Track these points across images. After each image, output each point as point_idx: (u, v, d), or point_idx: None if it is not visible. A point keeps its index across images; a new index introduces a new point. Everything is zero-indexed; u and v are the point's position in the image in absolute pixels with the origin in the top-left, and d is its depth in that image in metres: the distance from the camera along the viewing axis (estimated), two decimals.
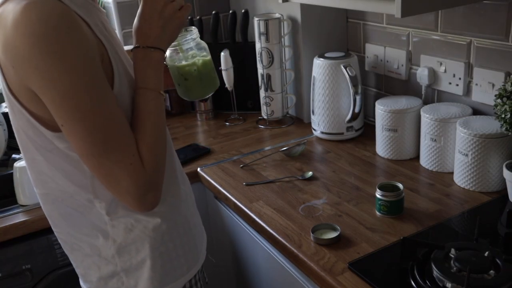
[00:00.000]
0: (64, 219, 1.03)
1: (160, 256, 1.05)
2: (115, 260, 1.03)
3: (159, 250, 1.05)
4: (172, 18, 1.00)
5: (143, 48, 0.98)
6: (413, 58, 1.62)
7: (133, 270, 1.04)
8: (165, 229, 1.05)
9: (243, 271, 1.55)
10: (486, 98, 1.40)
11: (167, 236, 1.06)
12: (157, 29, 0.99)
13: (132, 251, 1.03)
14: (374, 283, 1.01)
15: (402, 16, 1.10)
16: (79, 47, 0.84)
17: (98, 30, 0.93)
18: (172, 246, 1.07)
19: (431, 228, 1.19)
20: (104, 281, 1.06)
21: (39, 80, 0.83)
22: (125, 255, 1.03)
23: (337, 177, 1.47)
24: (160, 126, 0.98)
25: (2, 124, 1.68)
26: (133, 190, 0.92)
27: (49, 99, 0.85)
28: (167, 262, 1.07)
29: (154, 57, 0.98)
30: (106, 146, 0.88)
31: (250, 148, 1.74)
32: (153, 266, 1.05)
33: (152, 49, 0.98)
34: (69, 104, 0.84)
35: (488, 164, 1.28)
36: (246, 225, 1.42)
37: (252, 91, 2.01)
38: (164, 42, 1.00)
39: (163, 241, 1.05)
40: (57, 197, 1.00)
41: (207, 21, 2.07)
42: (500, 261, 0.99)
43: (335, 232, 1.19)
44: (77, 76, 0.83)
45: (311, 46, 1.84)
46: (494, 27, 1.34)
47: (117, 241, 1.02)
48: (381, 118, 1.54)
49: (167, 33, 1.00)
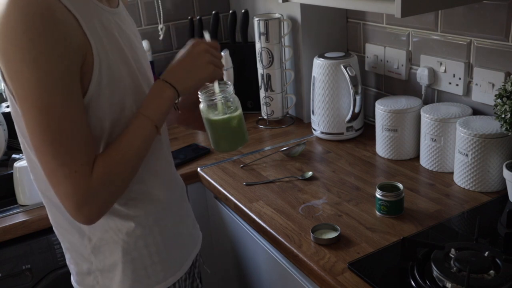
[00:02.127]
0: (50, 213, 1.07)
1: (132, 261, 1.04)
2: (91, 258, 1.05)
3: (131, 255, 1.04)
4: (202, 69, 1.01)
5: (162, 80, 0.99)
6: (413, 58, 1.62)
7: (106, 271, 1.05)
8: (139, 235, 1.04)
9: (243, 271, 1.55)
10: (486, 98, 1.40)
11: (141, 242, 1.04)
12: (183, 71, 1.01)
13: (106, 252, 1.03)
14: (374, 283, 1.01)
15: (402, 16, 1.10)
16: (52, 44, 0.83)
17: (91, 29, 0.90)
18: (147, 253, 1.05)
19: (431, 228, 1.19)
20: (81, 276, 1.08)
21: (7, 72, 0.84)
22: (100, 255, 1.04)
23: (337, 177, 1.47)
24: (136, 153, 0.96)
25: (2, 124, 1.67)
26: (70, 197, 0.89)
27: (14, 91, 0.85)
28: (140, 268, 1.05)
29: (166, 92, 0.98)
30: (55, 147, 0.86)
31: (250, 148, 1.74)
32: (124, 270, 1.04)
33: (169, 85, 0.99)
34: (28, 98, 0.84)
35: (488, 164, 1.28)
36: (246, 225, 1.42)
37: (252, 91, 2.01)
38: (183, 85, 1.00)
39: (136, 246, 1.04)
40: (45, 192, 1.02)
41: (207, 21, 2.07)
42: (500, 261, 0.99)
43: (335, 232, 1.19)
44: (43, 73, 0.82)
45: (311, 46, 1.84)
46: (494, 27, 1.34)
47: (92, 240, 1.03)
48: (381, 118, 1.54)
49: (190, 79, 1.01)
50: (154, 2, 2.07)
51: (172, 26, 2.16)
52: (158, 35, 2.11)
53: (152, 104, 0.98)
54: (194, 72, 1.01)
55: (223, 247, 1.64)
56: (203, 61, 1.01)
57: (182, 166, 1.63)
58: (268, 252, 1.34)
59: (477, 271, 0.96)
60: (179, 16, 2.15)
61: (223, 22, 2.20)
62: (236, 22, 2.03)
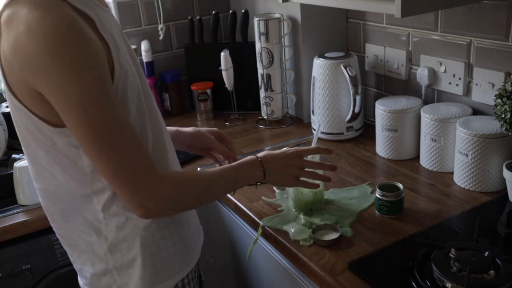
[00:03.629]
0: (61, 215, 1.05)
1: (151, 255, 1.05)
2: (107, 258, 1.04)
3: (149, 249, 1.05)
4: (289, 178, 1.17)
5: (259, 161, 1.12)
6: (413, 58, 1.62)
7: (124, 268, 1.05)
8: (156, 228, 1.05)
9: (243, 271, 1.55)
10: (486, 98, 1.40)
11: (158, 235, 1.06)
12: (277, 166, 1.14)
13: (123, 249, 1.04)
14: (374, 283, 1.01)
15: (402, 16, 1.10)
16: (88, 56, 0.86)
17: (104, 30, 0.93)
18: (164, 245, 1.07)
19: (431, 228, 1.19)
20: (97, 277, 1.07)
21: (47, 85, 0.86)
22: (117, 253, 1.04)
23: (337, 177, 1.47)
24: (208, 190, 1.07)
25: (2, 124, 1.68)
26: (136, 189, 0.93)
27: (56, 104, 0.87)
28: (158, 261, 1.07)
29: (257, 173, 1.12)
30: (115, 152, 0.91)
31: (250, 148, 1.74)
32: (143, 265, 1.05)
33: (262, 169, 1.12)
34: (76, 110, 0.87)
35: (488, 164, 1.28)
36: (246, 225, 1.42)
37: (252, 91, 2.01)
38: (270, 177, 1.14)
39: (154, 240, 1.05)
40: (55, 193, 1.02)
41: (207, 21, 2.07)
42: (500, 261, 0.99)
43: (336, 233, 1.18)
44: (85, 85, 0.85)
45: (311, 46, 1.84)
46: (494, 27, 1.34)
47: (108, 239, 1.03)
48: (381, 118, 1.54)
49: (277, 176, 1.15)
50: (154, 2, 2.07)
51: (172, 26, 2.16)
52: (158, 35, 2.11)
53: (243, 171, 1.11)
54: (283, 176, 1.16)
55: (223, 247, 1.64)
56: (293, 173, 1.16)
57: (182, 166, 1.62)
58: (268, 252, 1.34)
59: (477, 271, 0.96)
60: (179, 16, 2.15)
61: (223, 22, 2.20)
62: (236, 22, 2.03)
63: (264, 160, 1.13)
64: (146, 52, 2.01)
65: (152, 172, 0.94)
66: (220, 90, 2.04)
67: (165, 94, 2.11)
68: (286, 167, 1.15)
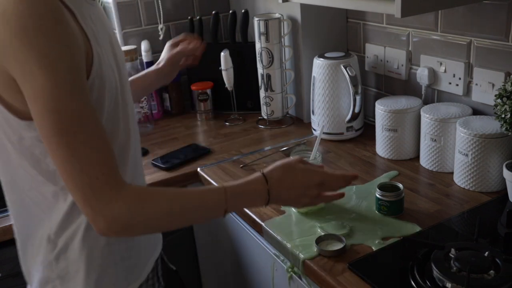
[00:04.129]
0: (24, 211, 1.01)
1: (96, 268, 1.01)
2: (52, 266, 1.00)
3: (96, 262, 1.00)
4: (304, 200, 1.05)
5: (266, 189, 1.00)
6: (413, 58, 1.62)
7: (68, 279, 1.00)
8: (105, 242, 1.00)
9: (243, 271, 1.55)
10: (486, 98, 1.40)
11: (107, 249, 1.01)
12: (287, 193, 1.03)
13: (69, 259, 0.99)
14: (374, 283, 1.01)
15: (402, 16, 1.10)
16: (64, 43, 0.81)
17: (84, 22, 0.89)
18: (112, 260, 1.02)
19: (431, 228, 1.19)
20: (41, 286, 1.02)
21: (19, 70, 0.81)
22: (63, 262, 0.99)
23: None
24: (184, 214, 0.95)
25: None
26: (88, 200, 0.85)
27: (24, 90, 0.83)
28: (104, 276, 1.02)
29: (258, 201, 1.01)
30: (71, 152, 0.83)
31: (250, 148, 1.74)
32: (87, 278, 1.00)
33: (267, 198, 1.00)
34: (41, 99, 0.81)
35: (488, 164, 1.28)
36: (246, 225, 1.42)
37: (252, 91, 2.01)
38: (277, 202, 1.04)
39: (102, 254, 1.01)
40: (23, 187, 0.97)
41: (207, 21, 2.07)
42: (500, 261, 0.99)
43: (341, 243, 1.14)
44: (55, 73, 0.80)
45: (311, 46, 1.84)
46: (494, 27, 1.34)
47: (58, 246, 0.98)
48: (381, 118, 1.54)
49: (287, 201, 1.06)
50: (154, 2, 2.07)
51: (172, 26, 2.15)
52: (158, 35, 2.11)
53: (240, 196, 0.99)
54: (293, 203, 1.07)
55: (223, 247, 1.64)
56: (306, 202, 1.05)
57: (182, 166, 1.63)
58: (268, 252, 1.34)
59: (477, 271, 0.96)
60: (179, 16, 2.15)
61: (223, 22, 2.20)
62: (236, 22, 2.03)
63: (273, 187, 1.00)
64: (146, 52, 2.01)
65: (108, 182, 0.85)
66: (220, 90, 2.04)
67: (165, 94, 2.11)
68: (301, 197, 1.04)
